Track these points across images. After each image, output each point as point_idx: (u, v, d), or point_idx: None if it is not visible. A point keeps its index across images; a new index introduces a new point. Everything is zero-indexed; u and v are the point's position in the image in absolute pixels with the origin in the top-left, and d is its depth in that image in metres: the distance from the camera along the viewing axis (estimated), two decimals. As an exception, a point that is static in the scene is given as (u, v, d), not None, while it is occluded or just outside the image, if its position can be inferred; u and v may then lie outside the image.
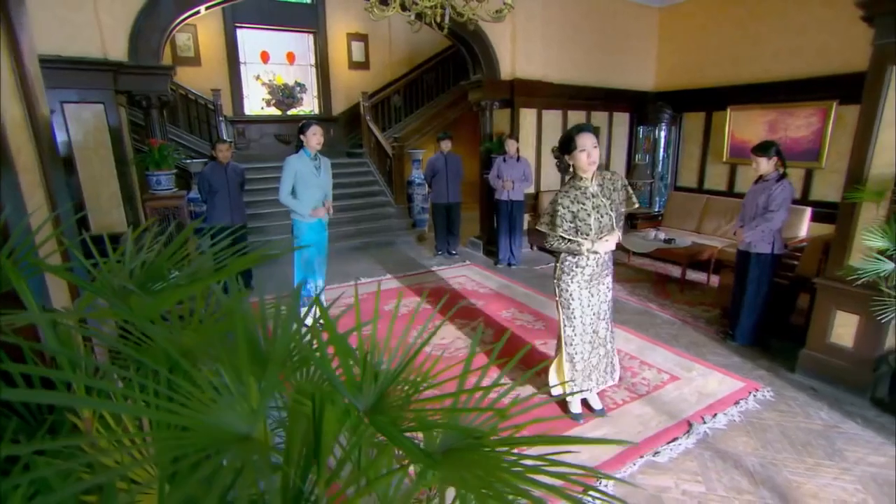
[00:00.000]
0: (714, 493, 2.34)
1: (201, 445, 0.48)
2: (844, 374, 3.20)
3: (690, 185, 7.80)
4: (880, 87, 2.84)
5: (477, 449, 0.65)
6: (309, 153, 4.01)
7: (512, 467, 0.63)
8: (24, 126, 1.58)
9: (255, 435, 0.51)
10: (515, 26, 6.33)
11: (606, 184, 2.74)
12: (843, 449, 2.64)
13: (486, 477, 0.58)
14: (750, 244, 3.78)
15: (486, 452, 0.66)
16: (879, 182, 2.90)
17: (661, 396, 3.19)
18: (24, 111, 1.61)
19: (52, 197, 1.74)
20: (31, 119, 1.63)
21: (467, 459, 0.62)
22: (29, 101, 1.63)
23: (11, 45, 1.57)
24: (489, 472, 0.59)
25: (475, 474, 0.57)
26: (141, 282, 0.79)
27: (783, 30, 6.25)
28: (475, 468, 0.59)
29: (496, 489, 0.57)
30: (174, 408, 0.56)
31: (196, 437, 0.49)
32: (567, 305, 2.82)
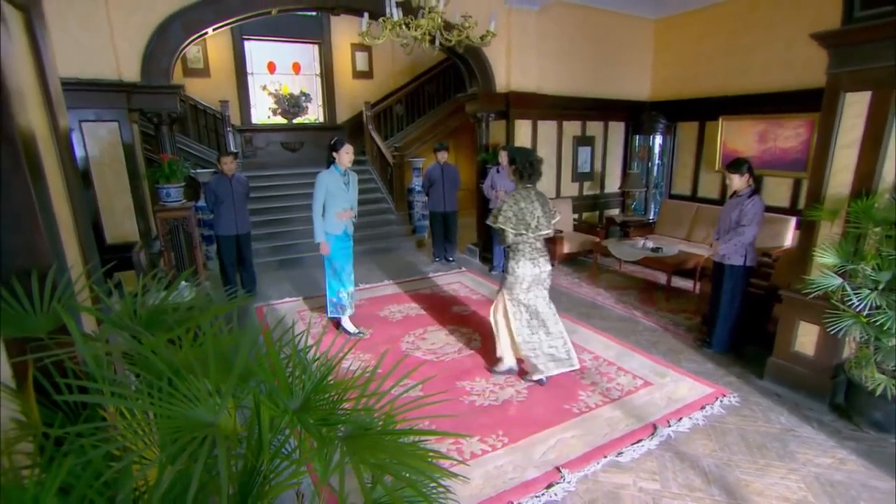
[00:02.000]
0: (668, 490, 2.55)
1: (186, 430, 0.73)
2: (806, 380, 3.39)
3: (685, 192, 7.97)
4: (834, 111, 3.04)
5: (364, 435, 0.90)
6: (339, 169, 4.24)
7: (390, 447, 0.87)
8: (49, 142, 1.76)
9: (218, 423, 0.76)
10: (510, 40, 6.55)
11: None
12: (795, 451, 2.84)
13: (369, 452, 0.83)
14: (724, 256, 3.97)
15: (372, 437, 0.90)
16: (835, 201, 3.10)
17: (633, 401, 3.40)
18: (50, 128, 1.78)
19: (76, 211, 1.93)
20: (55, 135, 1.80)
21: (358, 442, 0.86)
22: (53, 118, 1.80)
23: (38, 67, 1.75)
24: (371, 450, 0.84)
25: (361, 450, 0.82)
26: (148, 317, 1.04)
27: (772, 43, 6.41)
28: (362, 447, 0.84)
29: (375, 460, 0.81)
30: (169, 405, 0.81)
31: (183, 423, 0.74)
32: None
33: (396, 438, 0.92)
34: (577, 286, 5.98)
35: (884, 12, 2.70)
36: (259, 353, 0.99)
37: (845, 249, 2.90)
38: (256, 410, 0.83)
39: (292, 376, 0.95)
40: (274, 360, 0.91)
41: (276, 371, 0.89)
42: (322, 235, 4.21)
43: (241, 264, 5.58)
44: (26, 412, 0.96)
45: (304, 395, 0.90)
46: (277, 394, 0.86)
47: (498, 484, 2.59)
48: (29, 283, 1.02)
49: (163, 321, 1.04)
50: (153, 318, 1.05)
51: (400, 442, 0.92)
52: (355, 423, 0.91)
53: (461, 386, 3.62)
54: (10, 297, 0.99)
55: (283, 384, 0.89)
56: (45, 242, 1.08)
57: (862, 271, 2.79)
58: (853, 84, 2.92)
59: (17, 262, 1.04)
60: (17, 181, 1.03)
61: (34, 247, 1.07)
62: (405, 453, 0.95)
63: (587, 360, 3.98)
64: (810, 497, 2.47)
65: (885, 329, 2.66)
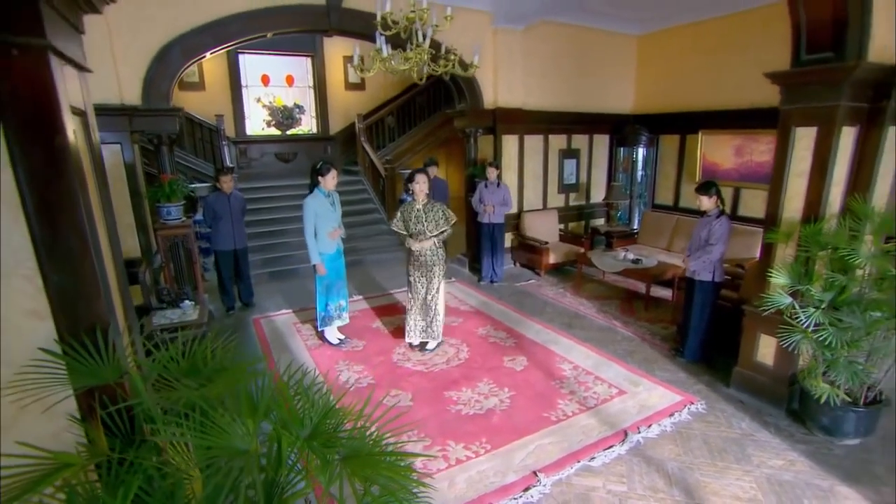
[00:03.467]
0: (634, 492, 2.82)
1: (227, 455, 0.97)
2: (766, 388, 3.68)
3: (667, 203, 8.28)
4: (787, 143, 3.32)
5: (357, 455, 1.15)
6: (324, 192, 4.48)
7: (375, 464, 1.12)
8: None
9: (250, 449, 0.99)
10: (496, 59, 6.83)
11: (428, 207, 4.39)
12: (752, 454, 3.12)
13: (362, 468, 1.08)
14: (695, 272, 4.25)
15: (362, 457, 1.15)
16: (789, 225, 3.38)
17: (608, 409, 3.67)
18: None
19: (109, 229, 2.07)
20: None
21: (352, 461, 1.11)
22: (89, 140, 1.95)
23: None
24: (362, 466, 1.09)
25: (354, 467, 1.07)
26: (188, 368, 1.29)
27: (746, 62, 6.71)
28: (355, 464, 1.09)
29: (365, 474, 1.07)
30: (206, 435, 1.06)
31: (219, 451, 0.98)
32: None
33: (381, 458, 1.17)
34: (562, 296, 6.25)
35: (825, 57, 2.99)
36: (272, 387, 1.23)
37: (796, 271, 3.18)
38: (278, 439, 1.07)
39: (302, 409, 1.19)
40: (287, 398, 1.16)
41: (289, 408, 1.14)
42: (317, 257, 4.44)
43: (239, 277, 5.80)
44: (95, 439, 1.20)
45: (312, 426, 1.15)
46: (291, 425, 1.10)
47: (480, 488, 2.84)
48: (95, 339, 1.26)
49: (199, 372, 1.29)
50: (191, 368, 1.29)
51: (386, 461, 1.16)
52: (350, 447, 1.15)
53: (448, 396, 3.86)
54: (83, 351, 1.24)
55: (296, 419, 1.13)
56: (104, 306, 1.32)
57: (809, 291, 3.08)
58: (801, 120, 3.21)
59: (85, 324, 1.29)
60: (86, 263, 1.28)
61: (98, 311, 1.31)
62: (387, 468, 1.19)
63: (567, 370, 4.24)
64: (760, 496, 2.75)
65: (826, 344, 2.94)
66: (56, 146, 1.20)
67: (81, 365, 1.22)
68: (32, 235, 1.22)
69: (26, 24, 1.14)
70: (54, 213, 1.24)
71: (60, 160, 1.22)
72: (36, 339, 1.27)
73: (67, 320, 1.28)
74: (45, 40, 1.17)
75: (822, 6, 2.87)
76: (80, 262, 1.28)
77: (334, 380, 4.15)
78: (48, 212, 1.23)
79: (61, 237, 1.25)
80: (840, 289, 3.02)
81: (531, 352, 4.60)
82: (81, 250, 1.27)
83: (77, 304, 1.29)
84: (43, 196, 1.21)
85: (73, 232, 1.26)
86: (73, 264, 1.27)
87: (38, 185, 1.20)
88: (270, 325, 5.34)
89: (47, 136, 1.19)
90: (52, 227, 1.23)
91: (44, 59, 1.17)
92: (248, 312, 5.75)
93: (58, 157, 1.21)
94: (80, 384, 1.23)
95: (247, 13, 5.31)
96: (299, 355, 4.61)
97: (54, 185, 1.22)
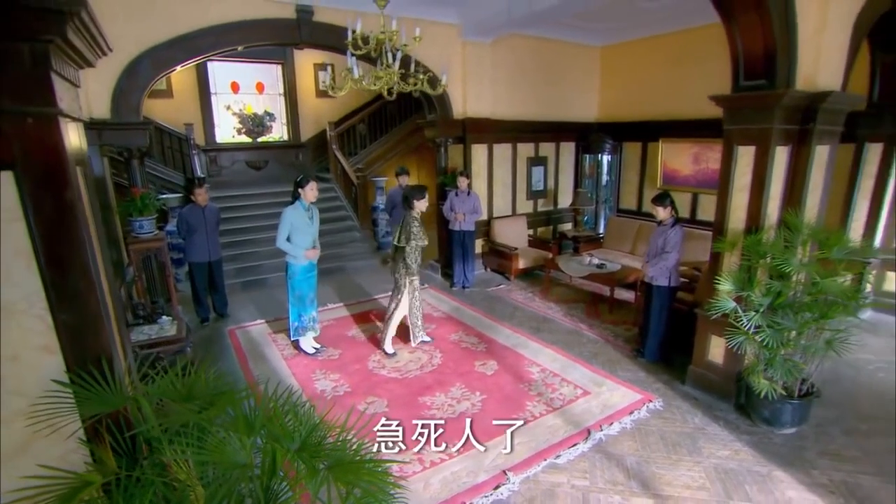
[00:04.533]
0: (596, 486, 3.05)
1: (228, 468, 1.12)
2: (717, 385, 3.98)
3: (631, 207, 8.65)
4: (730, 160, 3.62)
5: (340, 463, 1.31)
6: (304, 204, 4.58)
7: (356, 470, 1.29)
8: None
9: (247, 462, 1.14)
10: (466, 70, 7.03)
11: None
12: (702, 446, 3.40)
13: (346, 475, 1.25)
14: (652, 278, 4.54)
15: (345, 465, 1.32)
16: (734, 235, 3.69)
17: (573, 409, 3.90)
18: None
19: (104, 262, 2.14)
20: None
21: (337, 467, 1.28)
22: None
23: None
24: (345, 473, 1.26)
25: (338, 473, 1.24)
26: (187, 393, 1.42)
27: (703, 75, 7.07)
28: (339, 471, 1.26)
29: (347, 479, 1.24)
30: (207, 452, 1.20)
31: (222, 466, 1.13)
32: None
33: (362, 465, 1.33)
34: (531, 300, 6.50)
35: (760, 84, 3.30)
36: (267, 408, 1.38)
37: (740, 278, 3.47)
38: (273, 452, 1.22)
39: (292, 425, 1.34)
40: (279, 416, 1.31)
41: (281, 424, 1.29)
42: (300, 252, 4.55)
43: (214, 289, 5.83)
44: (104, 459, 1.32)
45: (301, 440, 1.30)
46: (283, 440, 1.26)
47: (453, 488, 3.02)
48: (102, 369, 1.38)
49: (199, 395, 1.42)
50: (190, 392, 1.42)
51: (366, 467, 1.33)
52: (334, 457, 1.31)
53: (423, 401, 4.03)
54: (92, 381, 1.35)
55: (287, 434, 1.28)
56: (108, 338, 1.44)
57: (750, 297, 3.37)
58: (742, 139, 3.51)
59: (91, 355, 1.40)
60: (92, 301, 1.40)
61: (104, 343, 1.42)
62: (367, 473, 1.36)
63: (535, 372, 4.47)
64: (707, 484, 3.02)
65: (765, 344, 3.24)
66: (65, 200, 1.32)
67: (92, 394, 1.34)
68: (44, 280, 1.34)
69: (40, 96, 1.26)
70: (64, 260, 1.35)
71: (69, 212, 1.34)
72: (48, 371, 1.38)
73: (75, 353, 1.39)
74: (55, 108, 1.29)
75: (755, 39, 3.17)
76: (87, 300, 1.40)
77: (312, 389, 4.26)
78: (58, 258, 1.35)
79: (70, 280, 1.37)
80: (776, 294, 3.32)
81: (501, 356, 4.81)
82: (88, 290, 1.39)
83: (84, 338, 1.40)
84: (53, 245, 1.32)
85: (81, 275, 1.38)
86: (80, 303, 1.39)
87: (49, 235, 1.32)
88: (246, 336, 5.40)
89: (57, 192, 1.31)
90: (61, 272, 1.35)
91: (55, 124, 1.30)
92: (222, 323, 5.78)
93: (67, 209, 1.34)
94: (93, 412, 1.35)
95: (218, 27, 5.35)
96: (276, 365, 4.70)
97: (64, 234, 1.34)
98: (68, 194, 1.33)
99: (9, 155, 1.23)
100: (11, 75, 1.21)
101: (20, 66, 1.21)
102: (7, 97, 1.21)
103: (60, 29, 1.22)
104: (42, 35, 1.20)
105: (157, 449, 1.27)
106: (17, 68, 1.21)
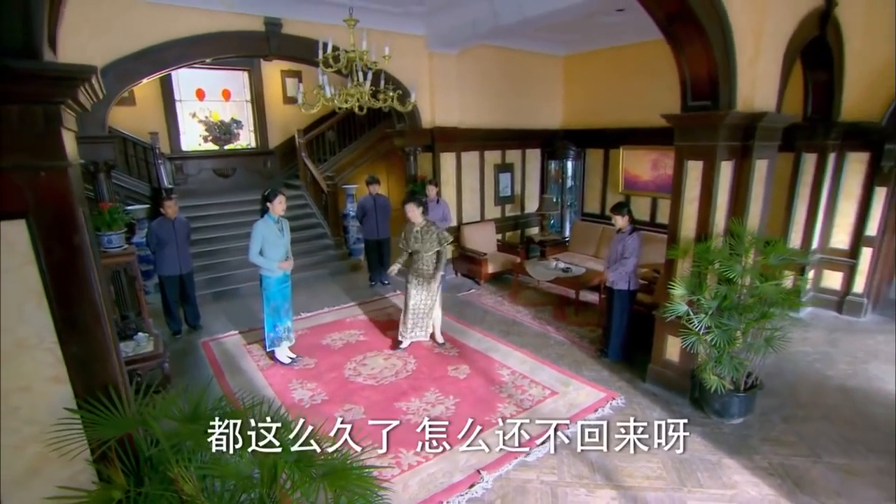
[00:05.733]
0: (563, 480, 3.27)
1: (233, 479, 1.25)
2: (674, 382, 4.28)
3: (595, 211, 9.02)
4: (682, 173, 3.92)
5: (332, 471, 1.46)
6: (273, 217, 4.64)
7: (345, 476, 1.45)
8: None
9: (251, 473, 1.28)
10: (433, 81, 7.21)
11: (425, 229, 5.02)
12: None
13: (336, 481, 1.40)
14: (613, 282, 4.82)
15: (335, 472, 1.47)
16: (686, 243, 3.99)
17: (541, 409, 4.12)
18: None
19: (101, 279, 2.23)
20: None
21: (330, 475, 1.43)
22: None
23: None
24: (334, 479, 1.42)
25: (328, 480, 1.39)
26: (191, 413, 1.54)
27: (660, 85, 7.41)
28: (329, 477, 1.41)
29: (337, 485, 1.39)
30: (209, 465, 1.33)
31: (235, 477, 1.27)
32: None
33: (349, 471, 1.48)
34: (500, 304, 6.73)
35: (705, 105, 3.60)
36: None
37: (691, 282, 3.77)
38: (274, 464, 1.36)
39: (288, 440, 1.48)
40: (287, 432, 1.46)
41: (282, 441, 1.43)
42: (274, 266, 4.63)
43: (185, 301, 5.81)
44: (114, 478, 1.42)
45: (296, 455, 1.44)
46: (282, 455, 1.40)
47: (431, 488, 3.19)
48: (110, 395, 1.48)
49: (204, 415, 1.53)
50: (195, 413, 1.54)
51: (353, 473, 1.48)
52: (326, 465, 1.46)
53: (398, 407, 4.18)
54: (101, 407, 1.45)
55: (286, 448, 1.42)
56: (114, 366, 1.53)
57: (699, 300, 3.67)
58: (691, 155, 3.81)
59: (98, 383, 1.50)
60: (98, 333, 1.50)
61: (111, 371, 1.52)
62: (354, 478, 1.51)
63: (505, 375, 4.68)
64: (664, 473, 3.29)
65: (713, 343, 3.54)
66: (74, 243, 1.42)
67: (104, 419, 1.44)
68: (54, 316, 1.44)
69: (51, 151, 1.36)
70: (72, 297, 1.45)
71: (77, 254, 1.44)
72: (58, 400, 1.47)
73: (83, 382, 1.49)
74: (65, 161, 1.39)
75: (700, 66, 3.47)
76: (94, 333, 1.50)
77: (289, 399, 4.35)
78: (67, 296, 1.44)
79: (78, 316, 1.47)
80: (723, 297, 3.63)
81: (473, 360, 5.00)
82: (95, 324, 1.49)
83: (92, 367, 1.50)
84: (63, 284, 1.42)
85: (88, 310, 1.48)
86: (88, 336, 1.49)
87: (59, 276, 1.42)
88: (220, 348, 5.41)
89: (67, 236, 1.41)
90: (70, 309, 1.45)
91: (65, 175, 1.40)
92: (195, 335, 5.77)
93: (75, 251, 1.43)
94: (106, 436, 1.45)
95: (185, 39, 5.36)
96: (252, 377, 4.75)
97: (73, 274, 1.44)
98: (77, 238, 1.43)
99: (23, 205, 1.33)
100: (26, 134, 1.31)
101: (34, 126, 1.31)
102: (22, 154, 1.30)
103: (72, 93, 1.32)
104: (55, 98, 1.31)
105: (164, 466, 1.39)
106: (31, 128, 1.31)
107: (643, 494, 3.14)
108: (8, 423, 1.40)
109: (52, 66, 1.31)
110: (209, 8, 5.38)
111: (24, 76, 1.23)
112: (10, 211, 1.33)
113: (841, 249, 5.99)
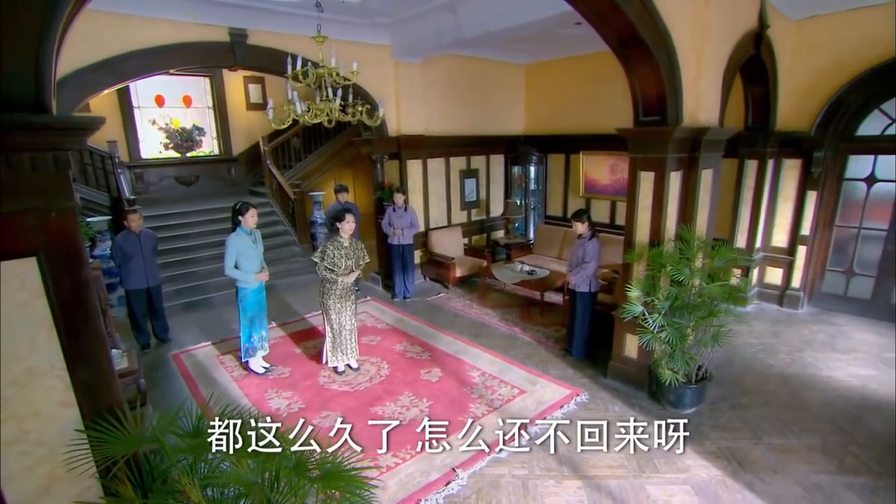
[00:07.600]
0: (533, 474, 3.49)
1: (240, 485, 1.38)
2: (634, 377, 4.58)
3: (557, 214, 9.35)
4: (635, 183, 4.22)
5: (329, 473, 1.61)
6: (245, 230, 4.68)
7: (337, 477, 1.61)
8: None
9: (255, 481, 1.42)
10: (398, 89, 7.35)
11: (354, 244, 4.76)
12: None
13: (330, 483, 1.56)
14: (575, 285, 5.10)
15: (332, 474, 1.62)
16: (640, 247, 4.29)
17: (511, 408, 4.34)
18: None
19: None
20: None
21: (326, 477, 1.58)
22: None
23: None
24: (327, 480, 1.57)
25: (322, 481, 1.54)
26: (195, 429, 1.64)
27: (617, 93, 7.71)
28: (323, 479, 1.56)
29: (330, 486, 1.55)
30: (215, 475, 1.46)
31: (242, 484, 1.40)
32: (327, 311, 4.81)
33: (342, 474, 1.63)
34: (469, 308, 6.94)
35: (655, 120, 3.90)
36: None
37: (646, 285, 4.07)
38: (276, 470, 1.49)
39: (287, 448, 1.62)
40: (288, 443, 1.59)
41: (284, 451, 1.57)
42: (251, 278, 4.69)
43: (153, 314, 5.74)
44: (123, 492, 1.51)
45: (294, 460, 1.57)
46: (284, 461, 1.53)
47: (409, 487, 3.35)
48: (116, 416, 1.57)
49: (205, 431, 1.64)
50: (198, 429, 1.64)
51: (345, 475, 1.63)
52: (321, 470, 1.60)
53: (374, 411, 4.32)
54: (110, 427, 1.54)
55: (285, 456, 1.56)
56: (119, 389, 1.62)
57: (653, 301, 3.97)
58: (643, 166, 4.11)
59: (105, 405, 1.59)
60: (103, 360, 1.59)
61: (115, 393, 1.61)
62: (344, 479, 1.67)
63: (476, 376, 4.88)
64: (626, 462, 3.56)
65: (667, 341, 3.84)
66: (80, 277, 1.52)
67: (113, 438, 1.53)
68: (62, 345, 1.52)
69: (61, 194, 1.46)
70: (79, 327, 1.55)
71: (84, 287, 1.53)
72: (67, 423, 1.56)
73: (90, 405, 1.58)
74: (73, 202, 1.49)
75: (650, 85, 3.76)
76: (99, 359, 1.59)
77: (266, 408, 4.41)
78: (75, 326, 1.54)
79: (85, 344, 1.56)
80: (675, 298, 3.94)
81: (444, 363, 5.18)
82: (99, 350, 1.59)
83: (98, 391, 1.59)
84: (71, 316, 1.52)
85: (94, 339, 1.58)
86: (93, 362, 1.58)
87: (67, 308, 1.51)
88: (192, 360, 5.39)
89: (74, 271, 1.51)
90: (77, 338, 1.54)
91: (73, 214, 1.49)
92: (164, 348, 5.71)
93: (82, 284, 1.53)
94: (116, 454, 1.53)
95: (148, 50, 5.30)
96: (227, 388, 4.78)
97: (80, 306, 1.53)
98: (83, 272, 1.53)
99: (34, 244, 1.43)
100: (38, 179, 1.40)
101: (45, 171, 1.41)
102: (34, 197, 1.40)
103: (81, 141, 1.42)
104: (65, 146, 1.41)
105: (170, 478, 1.49)
106: (43, 173, 1.40)
107: (606, 483, 3.41)
108: (20, 447, 1.48)
109: (64, 119, 1.41)
110: (172, 18, 5.35)
111: (39, 128, 1.33)
112: (24, 249, 1.42)
113: (781, 248, 6.50)
